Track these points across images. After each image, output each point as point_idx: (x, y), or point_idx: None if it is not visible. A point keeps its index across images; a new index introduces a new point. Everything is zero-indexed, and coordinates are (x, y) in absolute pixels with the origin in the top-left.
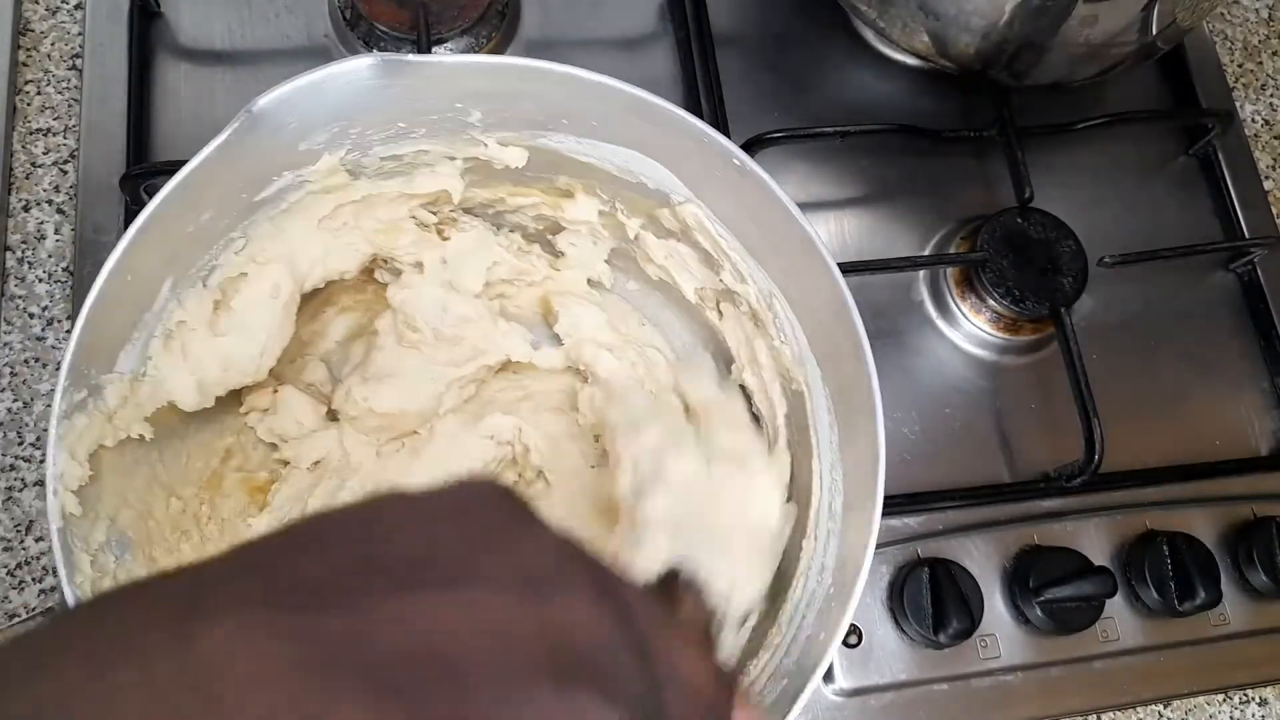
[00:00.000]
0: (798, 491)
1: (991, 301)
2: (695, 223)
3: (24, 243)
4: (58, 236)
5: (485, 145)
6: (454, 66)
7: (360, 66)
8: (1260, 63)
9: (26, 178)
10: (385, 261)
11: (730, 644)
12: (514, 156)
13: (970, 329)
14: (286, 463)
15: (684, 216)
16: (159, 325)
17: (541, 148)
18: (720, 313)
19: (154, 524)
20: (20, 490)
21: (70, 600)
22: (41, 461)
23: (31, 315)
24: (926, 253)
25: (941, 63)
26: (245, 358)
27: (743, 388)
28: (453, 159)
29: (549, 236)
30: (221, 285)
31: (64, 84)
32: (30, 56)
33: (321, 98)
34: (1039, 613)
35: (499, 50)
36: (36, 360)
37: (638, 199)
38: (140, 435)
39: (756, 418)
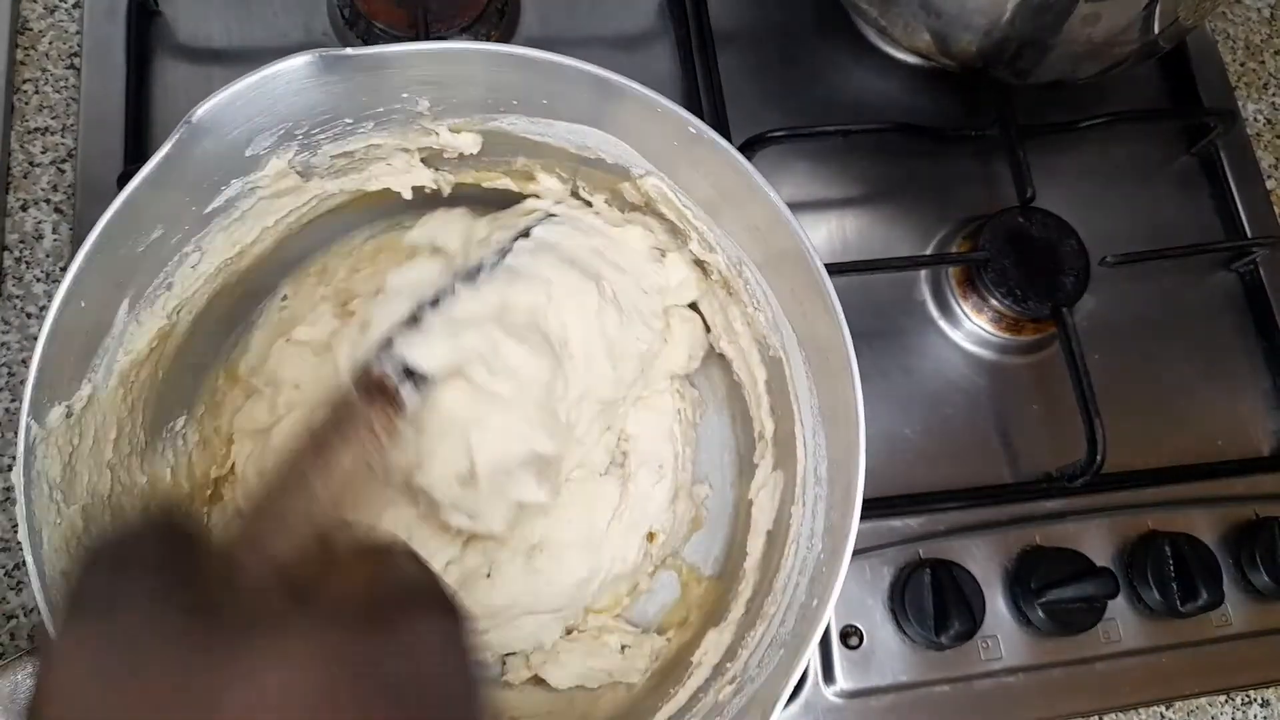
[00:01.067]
0: (783, 458)
1: (993, 301)
2: (658, 194)
3: (22, 242)
4: (55, 236)
5: (437, 134)
6: (392, 55)
7: (298, 65)
8: (1262, 61)
9: (24, 177)
10: None
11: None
12: (468, 142)
13: (972, 329)
14: None
15: (646, 189)
16: (119, 349)
17: (495, 131)
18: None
19: None
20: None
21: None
22: None
23: (29, 315)
24: (928, 252)
25: (943, 61)
26: None
27: (721, 356)
28: (406, 151)
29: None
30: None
31: (62, 83)
32: (28, 55)
33: (262, 101)
34: (1041, 614)
35: None
36: None
37: (598, 175)
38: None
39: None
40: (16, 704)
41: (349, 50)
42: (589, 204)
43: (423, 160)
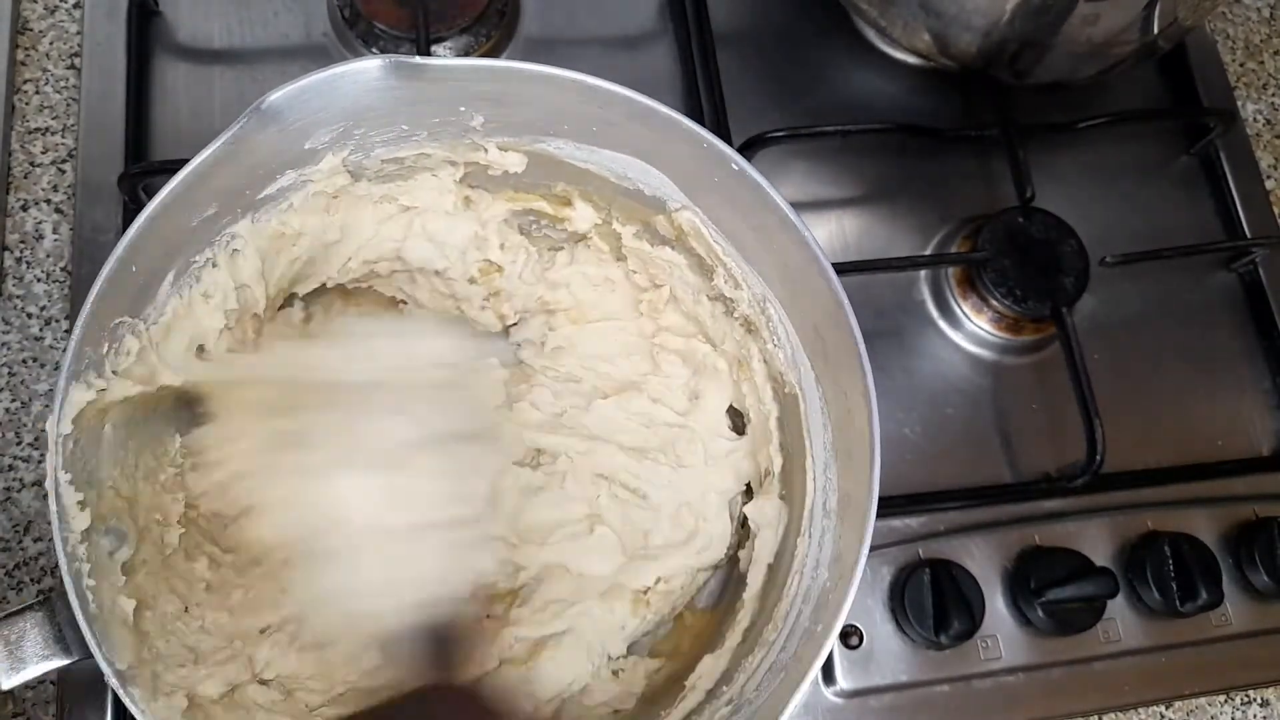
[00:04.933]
0: (790, 491)
1: (993, 301)
2: (691, 229)
3: (22, 242)
4: (56, 236)
5: (486, 150)
6: (463, 69)
7: (371, 67)
8: (1261, 62)
9: (25, 177)
10: None
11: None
12: (513, 162)
13: (972, 329)
14: None
15: (680, 223)
16: (160, 319)
17: (540, 153)
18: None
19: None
20: (19, 491)
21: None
22: (40, 462)
23: (30, 315)
24: (928, 252)
25: (943, 61)
26: None
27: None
28: (453, 163)
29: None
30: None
31: (62, 83)
32: (29, 55)
33: (330, 97)
34: (1040, 614)
35: (498, 49)
36: (35, 360)
37: (634, 206)
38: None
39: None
40: (20, 650)
41: (419, 59)
42: (618, 235)
43: (467, 174)
